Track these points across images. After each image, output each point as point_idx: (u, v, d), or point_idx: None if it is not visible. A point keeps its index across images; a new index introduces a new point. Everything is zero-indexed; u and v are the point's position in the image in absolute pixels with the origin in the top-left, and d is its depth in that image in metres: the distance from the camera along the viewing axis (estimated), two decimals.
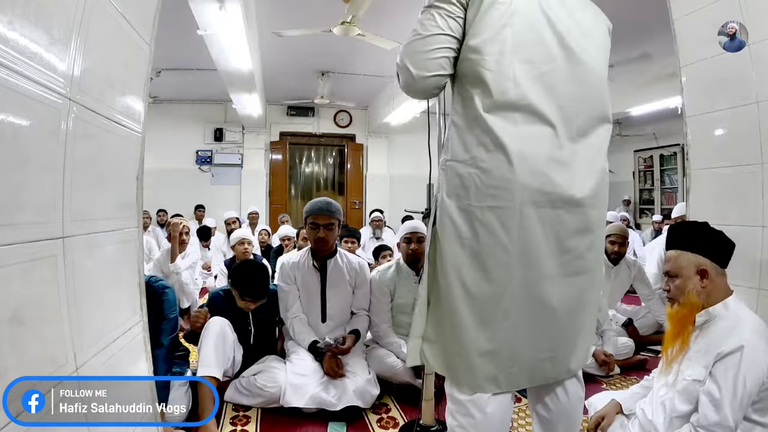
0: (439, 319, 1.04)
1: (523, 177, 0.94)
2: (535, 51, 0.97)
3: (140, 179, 1.11)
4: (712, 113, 1.59)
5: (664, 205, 7.17)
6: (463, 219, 0.98)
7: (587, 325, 1.11)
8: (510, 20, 0.95)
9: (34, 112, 0.70)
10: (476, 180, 0.96)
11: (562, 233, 0.99)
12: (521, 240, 0.95)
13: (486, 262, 0.97)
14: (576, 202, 0.99)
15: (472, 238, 0.97)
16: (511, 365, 1.01)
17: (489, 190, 0.95)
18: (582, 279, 1.05)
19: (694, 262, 1.27)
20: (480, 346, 0.99)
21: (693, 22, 1.61)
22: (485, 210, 0.95)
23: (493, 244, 0.96)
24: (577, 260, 1.03)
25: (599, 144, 1.06)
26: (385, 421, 1.91)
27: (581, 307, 1.07)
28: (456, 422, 1.03)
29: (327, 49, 4.65)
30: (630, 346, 2.57)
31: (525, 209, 0.94)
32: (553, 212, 0.97)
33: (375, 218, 5.32)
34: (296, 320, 2.18)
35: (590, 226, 1.03)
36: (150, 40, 1.13)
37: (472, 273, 0.98)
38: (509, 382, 1.02)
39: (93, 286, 0.89)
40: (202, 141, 7.08)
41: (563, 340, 1.05)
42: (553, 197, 0.96)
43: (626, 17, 3.58)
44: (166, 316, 1.85)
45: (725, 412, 1.12)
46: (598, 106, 1.05)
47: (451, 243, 0.99)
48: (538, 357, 1.03)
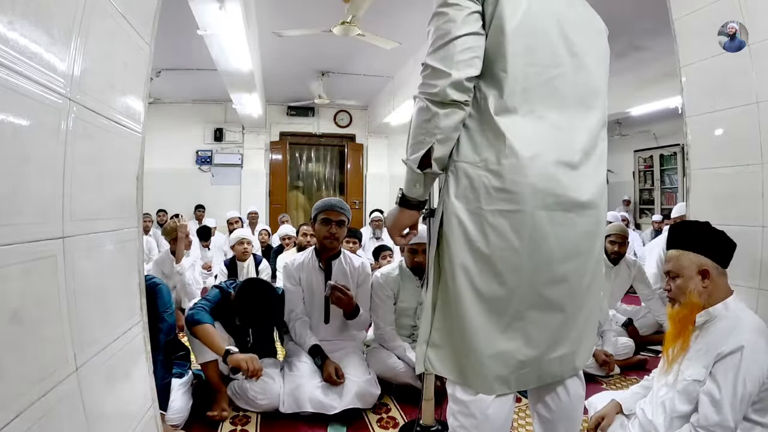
0: (447, 322, 1.04)
1: (535, 181, 0.94)
2: (544, 55, 0.97)
3: (140, 179, 1.11)
4: (712, 113, 1.59)
5: (664, 205, 7.17)
6: (472, 222, 0.97)
7: (591, 323, 1.12)
8: (523, 23, 0.95)
9: (34, 112, 0.69)
10: (486, 183, 0.96)
11: (573, 236, 0.99)
12: (532, 243, 0.96)
13: (497, 265, 0.97)
14: (584, 204, 1.00)
15: (483, 241, 0.96)
16: (521, 366, 1.01)
17: (500, 194, 0.95)
18: (588, 279, 1.05)
19: (696, 262, 1.27)
20: (491, 348, 0.99)
21: (693, 22, 1.61)
22: (496, 214, 0.95)
23: (504, 248, 0.96)
24: (587, 262, 1.04)
25: (602, 147, 1.07)
26: (385, 421, 1.91)
27: (586, 306, 1.08)
28: (458, 423, 1.03)
29: (327, 49, 4.66)
30: (630, 346, 2.57)
31: (537, 213, 0.95)
32: (564, 215, 0.98)
33: (375, 218, 5.32)
34: (299, 322, 2.18)
35: (597, 228, 1.05)
36: (150, 40, 1.13)
37: (483, 276, 0.97)
38: (519, 382, 1.03)
39: (93, 286, 0.89)
40: (202, 141, 7.08)
41: (571, 339, 1.06)
42: (564, 200, 0.97)
43: (626, 17, 3.58)
44: (161, 316, 1.81)
45: (725, 412, 1.12)
46: (600, 112, 1.07)
47: (459, 246, 0.99)
48: (547, 357, 1.04)
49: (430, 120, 0.94)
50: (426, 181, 1.00)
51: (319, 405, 1.86)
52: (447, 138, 0.95)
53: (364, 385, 1.94)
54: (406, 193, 1.03)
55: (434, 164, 0.96)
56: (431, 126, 0.94)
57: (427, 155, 0.96)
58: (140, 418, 1.09)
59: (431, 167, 0.96)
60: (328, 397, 1.88)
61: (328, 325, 2.22)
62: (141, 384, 1.12)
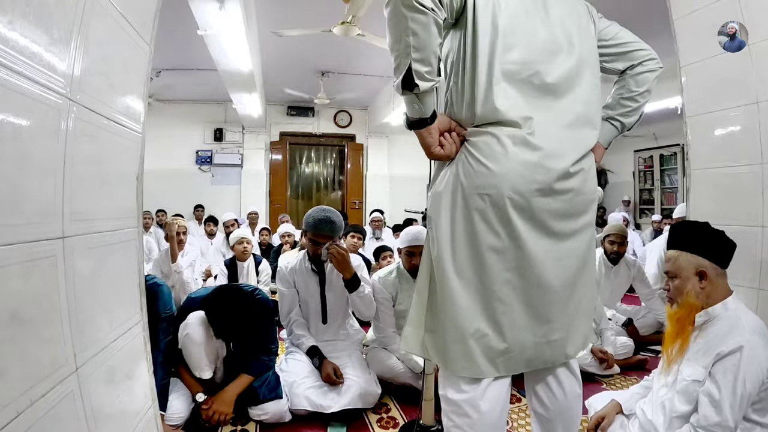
0: (436, 307, 1.06)
1: (513, 166, 0.97)
2: (528, 49, 0.99)
3: (140, 179, 1.11)
4: (712, 113, 1.59)
5: (664, 205, 7.17)
6: (456, 206, 1.01)
7: (583, 308, 1.11)
8: (503, 12, 0.97)
9: (34, 112, 0.69)
10: (469, 169, 0.99)
11: (550, 219, 1.01)
12: (511, 226, 0.98)
13: (479, 248, 0.99)
14: (563, 190, 1.01)
15: (466, 224, 1.00)
16: (507, 349, 1.02)
17: (481, 179, 0.97)
18: (572, 261, 1.06)
19: (694, 263, 1.27)
20: (476, 330, 1.00)
21: (693, 22, 1.61)
22: (476, 197, 0.98)
23: (485, 230, 0.98)
24: (565, 243, 1.04)
25: (584, 136, 1.06)
26: (385, 421, 1.91)
27: (575, 289, 1.07)
28: (452, 423, 1.03)
29: (327, 49, 4.65)
30: (630, 346, 2.57)
31: (515, 197, 0.97)
32: (543, 200, 0.99)
33: (375, 218, 5.31)
34: (296, 324, 2.19)
35: (577, 211, 1.05)
36: (150, 40, 1.13)
37: (466, 259, 1.00)
38: (507, 366, 1.03)
39: (93, 286, 0.89)
40: (202, 141, 7.08)
41: (560, 323, 1.06)
42: (543, 186, 0.98)
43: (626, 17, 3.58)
44: (161, 316, 1.82)
45: (725, 412, 1.12)
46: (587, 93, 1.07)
47: (444, 231, 1.02)
48: (535, 341, 1.04)
49: (400, 38, 0.89)
50: (420, 98, 0.95)
51: (318, 404, 1.86)
52: (423, 52, 0.89)
53: (365, 384, 1.94)
54: (409, 115, 1.00)
55: (419, 82, 0.90)
56: (402, 45, 0.89)
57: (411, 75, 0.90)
58: (140, 418, 1.09)
59: (419, 87, 0.91)
60: (327, 397, 1.88)
61: (327, 326, 2.23)
62: (141, 384, 1.11)
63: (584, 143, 1.05)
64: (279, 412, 1.84)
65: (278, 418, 1.84)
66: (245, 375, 1.89)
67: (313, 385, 1.92)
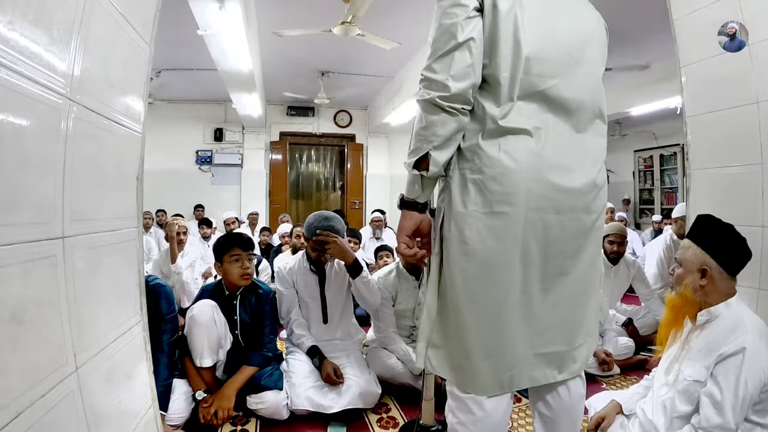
0: (445, 324, 1.05)
1: (528, 184, 0.95)
2: (544, 61, 0.97)
3: (140, 179, 1.11)
4: (712, 113, 1.59)
5: (664, 205, 7.17)
6: (469, 224, 0.98)
7: (587, 325, 1.12)
8: (522, 25, 0.95)
9: (34, 112, 0.69)
10: (482, 186, 0.97)
11: (563, 237, 1.00)
12: (524, 245, 0.97)
13: (492, 268, 0.98)
14: (577, 192, 1.00)
15: (479, 242, 0.97)
16: (512, 367, 1.02)
17: (495, 197, 0.95)
18: (577, 279, 1.05)
19: (701, 259, 1.27)
20: (484, 350, 1.00)
21: (693, 22, 1.61)
22: (491, 216, 0.96)
23: (498, 249, 0.97)
24: (571, 260, 1.04)
25: (597, 148, 1.07)
26: (385, 421, 1.91)
27: (580, 307, 1.08)
28: (456, 419, 1.04)
29: (327, 49, 4.65)
30: (630, 346, 2.57)
31: (530, 215, 0.96)
32: (557, 218, 0.98)
33: (375, 218, 5.31)
34: (296, 324, 2.19)
35: (588, 229, 1.05)
36: (150, 40, 1.13)
37: (478, 278, 0.98)
38: (512, 383, 1.03)
39: (93, 286, 0.89)
40: (202, 141, 7.07)
41: (564, 341, 1.06)
42: (557, 203, 0.97)
43: (626, 17, 3.58)
44: (165, 317, 1.82)
45: (727, 413, 1.12)
46: (597, 106, 1.07)
47: (457, 248, 1.00)
48: (540, 361, 1.05)
49: (427, 128, 0.95)
50: (424, 182, 1.00)
51: (318, 404, 1.85)
52: (444, 145, 0.96)
53: (365, 384, 1.94)
54: (405, 194, 1.04)
55: (431, 168, 0.97)
56: (429, 133, 0.95)
57: (426, 159, 0.97)
58: (140, 418, 1.09)
59: (428, 170, 0.97)
60: (328, 397, 1.88)
61: (327, 326, 2.23)
62: (141, 384, 1.11)
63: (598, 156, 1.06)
64: (276, 404, 1.84)
65: (275, 410, 1.84)
66: (247, 367, 1.91)
67: (313, 385, 1.92)
